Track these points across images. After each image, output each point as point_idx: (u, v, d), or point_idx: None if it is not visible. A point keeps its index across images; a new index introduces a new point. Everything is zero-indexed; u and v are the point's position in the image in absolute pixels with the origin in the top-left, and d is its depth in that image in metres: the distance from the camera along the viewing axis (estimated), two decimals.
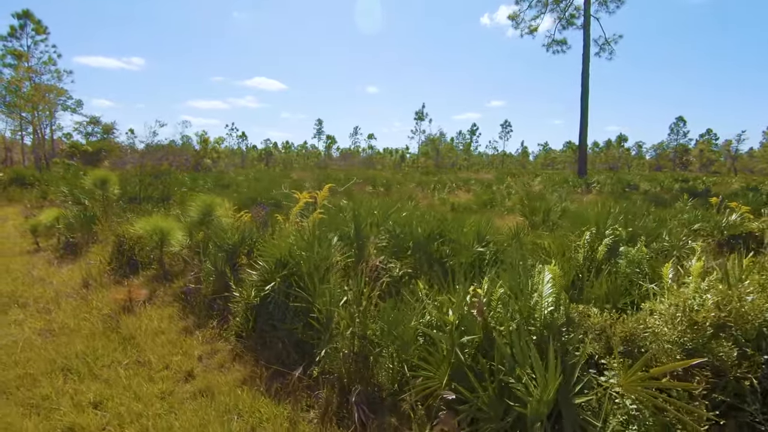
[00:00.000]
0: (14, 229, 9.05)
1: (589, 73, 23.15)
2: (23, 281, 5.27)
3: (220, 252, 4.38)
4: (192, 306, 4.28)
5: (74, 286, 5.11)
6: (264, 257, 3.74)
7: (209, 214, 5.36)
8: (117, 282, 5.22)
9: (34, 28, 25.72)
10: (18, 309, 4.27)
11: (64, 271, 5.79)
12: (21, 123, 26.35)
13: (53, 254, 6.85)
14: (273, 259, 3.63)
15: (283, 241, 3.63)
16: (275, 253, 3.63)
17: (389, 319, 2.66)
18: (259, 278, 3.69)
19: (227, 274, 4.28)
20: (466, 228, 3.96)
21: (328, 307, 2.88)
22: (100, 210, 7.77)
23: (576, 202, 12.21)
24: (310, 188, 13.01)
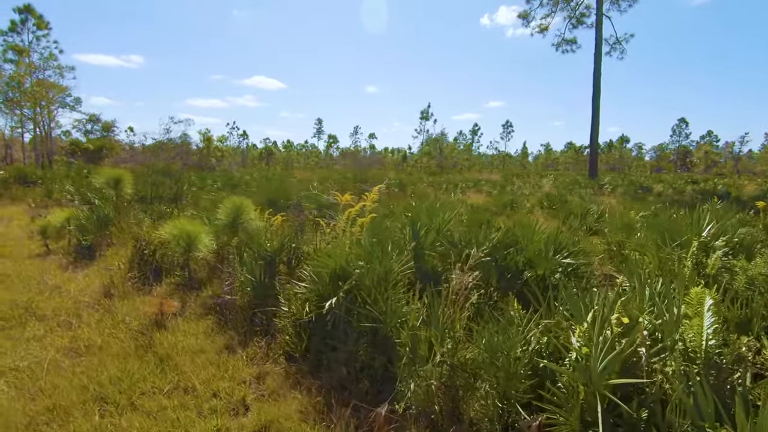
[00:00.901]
0: (20, 230, 8.62)
1: (601, 72, 22.80)
2: (37, 289, 4.85)
3: (259, 260, 3.97)
4: (229, 320, 3.87)
5: (94, 295, 4.70)
6: (315, 268, 3.35)
7: (239, 218, 4.95)
8: (140, 290, 4.82)
9: (36, 23, 25.20)
10: (36, 322, 3.86)
11: (80, 278, 5.37)
12: (22, 120, 25.83)
13: (65, 258, 6.43)
14: (328, 270, 3.23)
15: (339, 250, 3.24)
16: (330, 264, 3.23)
17: (488, 346, 2.27)
18: (311, 291, 3.29)
19: (267, 284, 3.88)
20: (536, 235, 3.57)
21: (412, 330, 2.48)
22: (113, 211, 7.35)
23: (597, 204, 11.86)
24: (331, 189, 12.63)
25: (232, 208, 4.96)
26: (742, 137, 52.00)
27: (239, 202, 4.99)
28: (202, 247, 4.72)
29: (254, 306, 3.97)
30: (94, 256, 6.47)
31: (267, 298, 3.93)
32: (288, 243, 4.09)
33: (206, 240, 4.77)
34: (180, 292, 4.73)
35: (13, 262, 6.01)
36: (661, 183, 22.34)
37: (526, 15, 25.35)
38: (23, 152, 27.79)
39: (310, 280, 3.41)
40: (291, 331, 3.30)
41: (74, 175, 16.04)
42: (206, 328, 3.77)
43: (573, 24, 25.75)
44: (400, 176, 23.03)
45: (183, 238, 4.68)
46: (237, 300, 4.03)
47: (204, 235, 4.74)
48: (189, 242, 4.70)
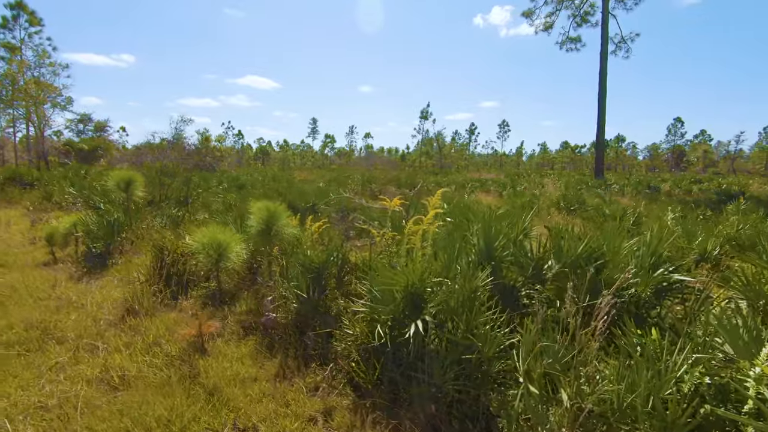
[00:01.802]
0: (21, 236, 8.10)
1: (607, 72, 22.57)
2: (50, 305, 4.39)
3: (309, 273, 3.55)
4: (275, 341, 3.45)
5: (114, 311, 4.25)
6: (382, 284, 2.94)
7: (272, 224, 4.52)
8: (165, 305, 4.38)
9: (28, 20, 24.40)
10: (56, 346, 3.41)
11: (94, 290, 4.91)
12: (14, 119, 25.03)
13: (74, 267, 5.95)
14: (399, 288, 2.82)
15: (414, 265, 2.83)
16: (401, 281, 2.82)
17: (631, 385, 1.88)
18: (377, 311, 2.88)
19: (316, 300, 3.47)
20: (626, 243, 3.19)
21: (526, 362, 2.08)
22: (123, 215, 6.88)
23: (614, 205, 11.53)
24: (350, 190, 12.18)
25: (264, 214, 4.52)
26: (737, 136, 52.17)
27: (272, 208, 4.55)
28: (234, 258, 4.29)
29: (301, 325, 3.56)
30: (106, 264, 6.00)
31: (316, 317, 3.52)
32: (336, 254, 3.67)
33: (238, 249, 4.34)
34: (210, 307, 4.29)
35: (19, 273, 5.52)
36: (667, 182, 22.16)
37: (531, 13, 25.07)
38: (15, 153, 26.99)
39: (374, 298, 3.00)
40: (356, 356, 2.89)
41: (72, 176, 15.45)
42: (251, 351, 3.35)
43: (577, 22, 25.52)
44: (402, 176, 22.62)
45: (213, 248, 4.24)
46: (280, 318, 3.61)
47: (236, 244, 4.31)
48: (219, 252, 4.27)
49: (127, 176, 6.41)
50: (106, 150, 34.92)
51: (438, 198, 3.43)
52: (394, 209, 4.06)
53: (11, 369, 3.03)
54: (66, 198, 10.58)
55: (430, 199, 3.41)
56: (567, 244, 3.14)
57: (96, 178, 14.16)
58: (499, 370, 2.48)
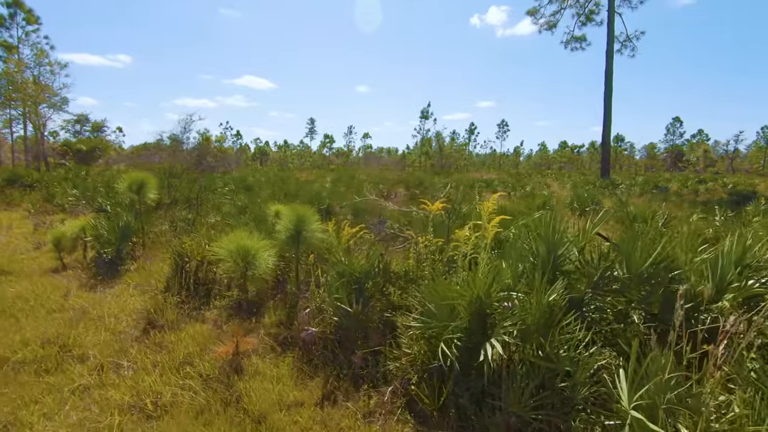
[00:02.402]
0: (24, 240, 7.78)
1: (613, 71, 22.39)
2: (65, 317, 4.09)
3: (350, 284, 3.27)
4: (316, 358, 3.18)
5: (134, 324, 3.96)
6: (436, 298, 2.67)
7: (302, 229, 4.24)
8: (188, 316, 4.09)
9: (25, 18, 23.97)
10: (77, 365, 3.12)
11: (109, 300, 4.61)
12: (10, 120, 24.58)
13: (85, 274, 5.65)
14: (464, 302, 2.55)
15: (482, 276, 2.55)
16: (466, 294, 2.55)
17: None
18: (437, 328, 2.61)
19: (360, 313, 3.19)
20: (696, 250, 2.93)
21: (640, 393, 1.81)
22: (134, 219, 6.57)
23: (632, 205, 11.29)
24: (369, 190, 11.88)
25: (293, 218, 4.24)
26: (736, 135, 52.23)
27: (302, 211, 4.27)
28: (263, 265, 4.01)
29: (342, 340, 3.29)
30: (118, 271, 5.70)
31: (359, 331, 3.25)
32: (377, 263, 3.40)
33: (265, 256, 4.06)
34: (236, 319, 4.01)
35: (27, 281, 5.22)
36: (673, 182, 21.99)
37: (535, 12, 24.86)
38: (12, 154, 26.54)
39: (428, 312, 2.73)
40: (415, 378, 2.62)
41: (73, 177, 15.09)
42: (290, 370, 3.07)
43: (582, 21, 25.33)
44: (410, 177, 22.31)
45: (240, 255, 3.96)
46: (318, 332, 3.33)
47: (263, 251, 4.03)
48: (246, 259, 3.99)
49: (140, 178, 6.11)
50: (103, 150, 34.51)
51: (493, 203, 3.16)
52: (436, 213, 3.79)
53: (31, 393, 2.74)
54: (69, 200, 10.24)
55: (485, 204, 3.14)
56: (639, 252, 2.88)
57: (97, 180, 13.83)
58: (586, 396, 2.22)
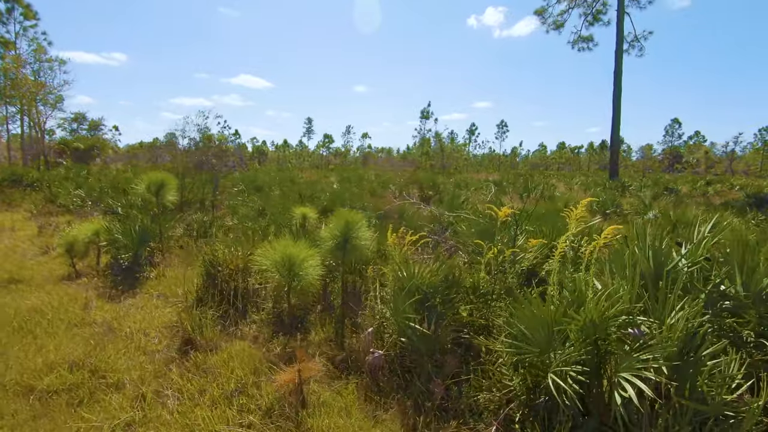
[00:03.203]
0: (30, 243, 7.35)
1: (622, 71, 22.15)
2: (87, 333, 3.69)
3: (421, 299, 2.90)
4: (384, 384, 2.80)
5: (167, 341, 3.57)
6: (531, 322, 2.31)
7: (350, 235, 3.86)
8: (224, 331, 3.70)
9: (23, 13, 23.36)
10: (114, 394, 2.73)
11: (133, 312, 4.22)
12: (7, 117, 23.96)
13: (101, 282, 5.25)
14: (575, 327, 2.19)
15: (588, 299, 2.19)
16: (579, 319, 2.19)
17: None
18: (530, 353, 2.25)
19: (433, 334, 2.82)
20: None
21: None
22: (152, 222, 6.17)
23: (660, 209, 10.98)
24: (395, 190, 11.42)
25: (341, 224, 3.86)
26: (735, 137, 52.27)
27: (349, 216, 3.89)
28: (309, 277, 3.62)
29: (412, 364, 2.92)
30: (136, 278, 5.31)
31: (431, 354, 2.88)
32: (452, 277, 3.02)
33: (312, 264, 3.67)
34: (279, 336, 3.62)
35: (41, 291, 4.81)
36: (684, 184, 21.76)
37: (543, 11, 24.57)
38: (8, 152, 25.92)
39: (522, 336, 2.37)
40: (518, 415, 2.25)
41: (74, 176, 14.61)
42: (357, 400, 2.69)
43: (589, 21, 25.09)
44: (422, 177, 21.88)
45: (285, 266, 3.57)
46: (384, 355, 2.96)
47: (311, 261, 3.64)
48: (291, 269, 3.60)
49: (159, 179, 5.70)
50: (101, 149, 33.91)
51: (583, 208, 2.80)
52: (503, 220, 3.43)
53: (67, 431, 2.35)
54: (74, 201, 9.79)
55: (575, 210, 2.78)
56: (763, 265, 2.53)
57: (101, 179, 13.37)
58: None
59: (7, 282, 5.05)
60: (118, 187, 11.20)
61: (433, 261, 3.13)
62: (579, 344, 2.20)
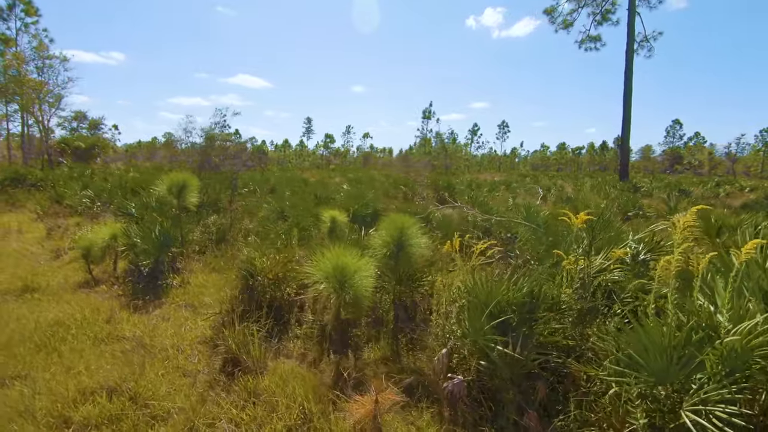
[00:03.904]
0: (39, 247, 6.99)
1: (633, 71, 21.89)
2: (118, 350, 3.36)
3: (496, 317, 2.57)
4: (465, 414, 2.47)
5: (207, 360, 3.24)
6: (648, 347, 1.99)
7: (405, 243, 3.53)
8: (269, 349, 3.37)
9: (24, 9, 22.92)
10: (162, 427, 2.39)
11: (162, 325, 3.88)
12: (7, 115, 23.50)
13: (121, 290, 4.91)
14: (713, 358, 1.86)
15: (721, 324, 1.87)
16: (719, 349, 1.87)
17: None
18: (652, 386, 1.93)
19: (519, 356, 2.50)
20: None
21: None
22: (173, 225, 5.82)
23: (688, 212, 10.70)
24: (416, 191, 11.04)
25: (393, 230, 3.53)
26: (738, 138, 52.14)
27: (401, 222, 3.56)
28: (362, 288, 3.29)
29: (493, 390, 2.59)
30: (158, 286, 4.97)
31: (515, 379, 2.55)
32: (541, 293, 2.69)
33: (365, 275, 3.34)
34: (330, 355, 3.29)
35: (59, 301, 4.46)
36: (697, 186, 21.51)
37: (552, 11, 24.28)
38: (9, 151, 25.45)
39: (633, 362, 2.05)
40: None
41: (78, 176, 14.22)
42: None
43: (597, 21, 24.83)
44: (439, 178, 21.49)
45: (336, 277, 3.24)
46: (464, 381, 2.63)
47: (365, 271, 3.31)
48: (344, 281, 3.27)
49: (181, 179, 5.36)
50: (102, 149, 33.49)
51: (694, 216, 2.48)
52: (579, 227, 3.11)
53: None
54: (83, 202, 9.43)
55: (684, 218, 2.46)
56: None
57: (108, 179, 13.00)
58: None
59: (21, 291, 4.70)
60: (126, 187, 10.84)
61: (512, 273, 2.80)
62: (718, 377, 1.87)
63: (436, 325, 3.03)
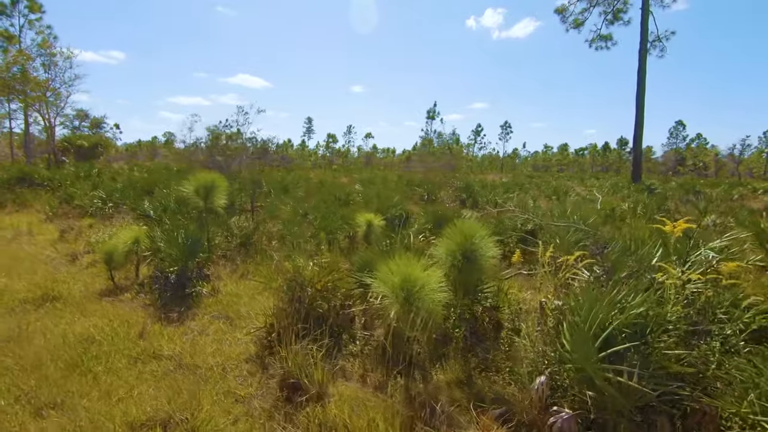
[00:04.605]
0: (53, 250, 6.65)
1: (646, 71, 21.60)
2: (159, 370, 3.02)
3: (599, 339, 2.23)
4: None
5: (256, 382, 2.90)
6: None
7: (473, 253, 3.20)
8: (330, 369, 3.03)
9: (28, 6, 22.53)
10: None
11: (201, 340, 3.54)
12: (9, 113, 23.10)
13: (147, 299, 4.57)
14: None
15: None
16: None
17: None
18: None
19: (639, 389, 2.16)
20: None
21: None
22: (198, 228, 5.48)
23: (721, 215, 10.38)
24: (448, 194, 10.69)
25: (459, 238, 3.20)
26: (743, 140, 51.84)
27: (468, 229, 3.23)
28: (432, 303, 2.96)
29: (603, 424, 2.25)
30: (187, 295, 4.63)
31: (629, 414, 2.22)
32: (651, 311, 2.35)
33: (434, 288, 3.00)
34: (396, 377, 2.96)
35: (84, 312, 4.12)
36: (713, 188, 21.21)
37: (564, 9, 23.97)
38: (11, 149, 25.05)
39: None
40: None
41: (85, 175, 13.87)
42: None
43: (609, 20, 24.53)
44: (446, 179, 21.14)
45: (405, 289, 2.91)
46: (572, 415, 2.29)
47: (435, 284, 2.97)
48: (410, 295, 2.94)
49: (209, 180, 5.02)
50: (105, 147, 33.13)
51: None
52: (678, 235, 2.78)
53: None
54: (95, 202, 9.08)
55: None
56: None
57: (119, 178, 12.66)
58: None
59: (41, 299, 4.36)
60: (138, 187, 10.50)
61: (611, 289, 2.47)
62: None
63: (520, 346, 2.70)
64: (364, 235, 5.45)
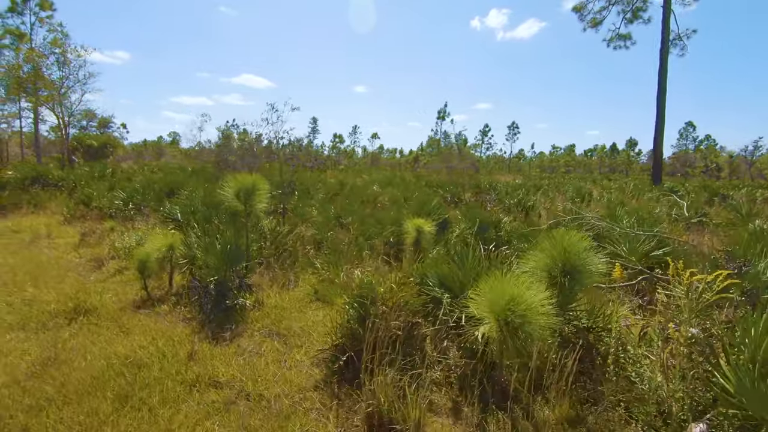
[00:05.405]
0: (76, 255, 6.30)
1: (668, 71, 21.12)
2: (218, 401, 2.64)
3: None
4: None
5: (333, 416, 2.52)
6: None
7: (574, 266, 2.81)
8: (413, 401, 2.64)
9: (39, 3, 22.28)
10: None
11: (256, 363, 3.16)
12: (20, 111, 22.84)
13: (187, 312, 4.19)
14: None
15: None
16: None
17: None
18: None
19: None
20: None
21: None
22: (236, 235, 5.11)
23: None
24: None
25: (558, 247, 2.80)
26: (755, 141, 51.03)
27: (568, 241, 2.83)
28: (538, 328, 2.56)
29: None
30: (228, 307, 4.25)
31: None
32: None
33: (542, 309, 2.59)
34: (495, 411, 2.57)
35: (122, 328, 3.75)
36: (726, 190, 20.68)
37: (582, 8, 23.50)
38: (21, 149, 24.81)
39: None
40: None
41: (99, 175, 13.55)
42: None
43: (628, 19, 24.04)
44: (481, 179, 20.68)
45: (504, 311, 2.52)
46: None
47: (540, 306, 2.57)
48: (510, 318, 2.54)
49: (250, 182, 4.64)
50: (114, 147, 32.95)
51: None
52: None
53: None
54: (115, 204, 8.73)
55: None
56: None
57: (135, 179, 12.33)
58: None
59: (73, 312, 3.99)
60: (156, 188, 10.15)
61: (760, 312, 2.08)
62: None
63: (640, 379, 2.29)
64: (414, 242, 5.06)
